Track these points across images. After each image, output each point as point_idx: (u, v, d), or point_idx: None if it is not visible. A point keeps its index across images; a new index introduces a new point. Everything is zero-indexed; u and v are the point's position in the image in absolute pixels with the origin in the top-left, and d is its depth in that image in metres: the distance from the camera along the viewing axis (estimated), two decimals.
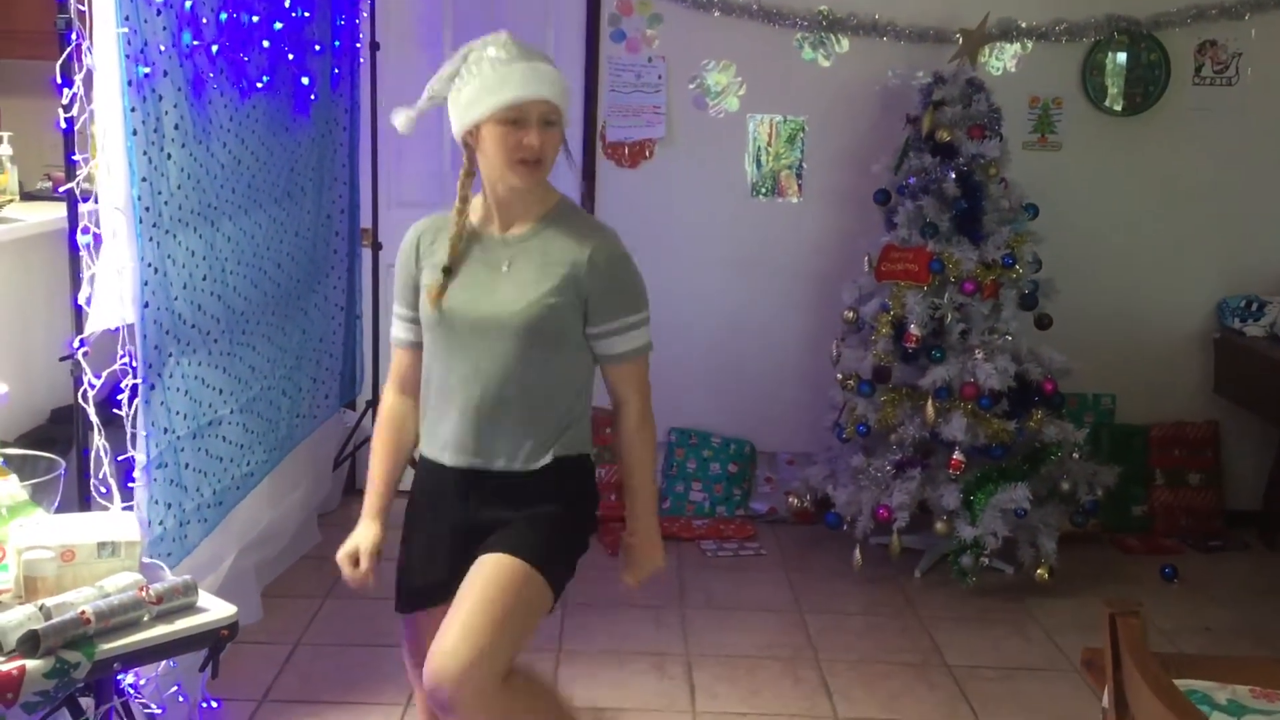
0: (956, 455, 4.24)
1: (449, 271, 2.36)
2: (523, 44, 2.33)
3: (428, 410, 2.46)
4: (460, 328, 2.35)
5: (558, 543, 2.40)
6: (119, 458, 2.82)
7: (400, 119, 2.39)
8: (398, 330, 2.51)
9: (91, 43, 2.61)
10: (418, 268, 2.43)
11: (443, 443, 2.43)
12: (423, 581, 2.49)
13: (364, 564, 2.50)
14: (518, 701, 2.33)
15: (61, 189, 2.71)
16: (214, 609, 2.46)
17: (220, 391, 3.33)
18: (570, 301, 2.34)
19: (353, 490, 5.18)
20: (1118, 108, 5.02)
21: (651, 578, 2.51)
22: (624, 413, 2.45)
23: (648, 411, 2.45)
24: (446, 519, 2.45)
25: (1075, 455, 4.41)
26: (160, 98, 2.86)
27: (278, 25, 3.62)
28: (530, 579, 2.32)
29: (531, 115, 2.28)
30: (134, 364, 2.80)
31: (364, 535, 2.52)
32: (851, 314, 4.54)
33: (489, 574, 2.30)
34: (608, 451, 5.14)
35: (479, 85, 2.28)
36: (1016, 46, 4.97)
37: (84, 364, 2.70)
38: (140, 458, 2.84)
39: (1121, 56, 4.99)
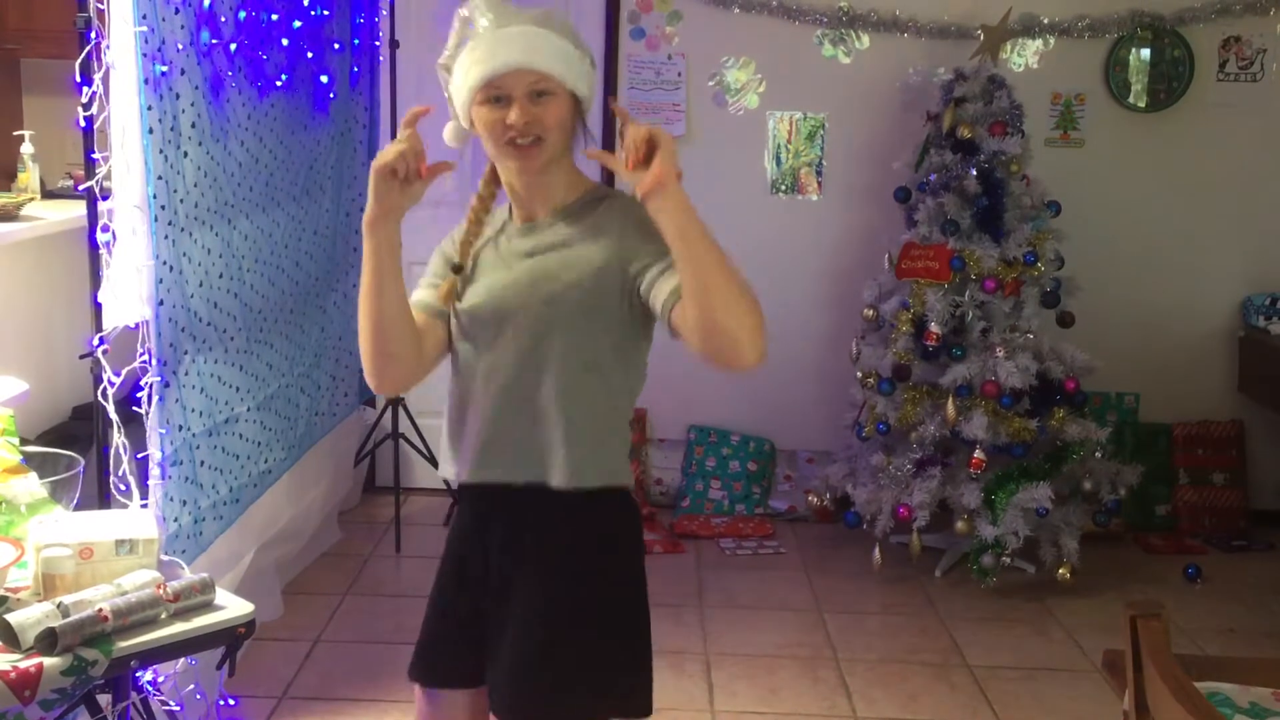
0: (977, 454, 4.22)
1: (459, 269, 2.04)
2: (508, 6, 1.93)
3: (469, 433, 2.03)
4: (490, 320, 1.99)
5: (595, 674, 1.91)
6: (139, 455, 2.83)
7: (449, 132, 2.04)
8: (418, 293, 2.11)
9: (110, 41, 2.62)
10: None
11: (464, 457, 2.03)
12: (443, 652, 2.09)
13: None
14: None
15: (81, 187, 2.72)
16: (231, 607, 2.46)
17: (237, 389, 3.33)
18: (615, 276, 1.93)
19: (372, 488, 5.20)
20: (1141, 104, 4.98)
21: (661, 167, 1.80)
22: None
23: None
24: (471, 574, 2.05)
25: (1098, 454, 4.38)
26: (177, 96, 2.87)
27: (297, 23, 3.63)
28: None
29: (515, 89, 1.89)
30: (151, 362, 2.81)
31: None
32: (871, 312, 4.52)
33: None
34: None
35: (461, 65, 1.94)
36: (1039, 42, 4.94)
37: (104, 362, 2.71)
38: (155, 454, 2.84)
39: (1145, 52, 4.95)
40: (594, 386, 1.96)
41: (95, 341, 2.72)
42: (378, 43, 4.50)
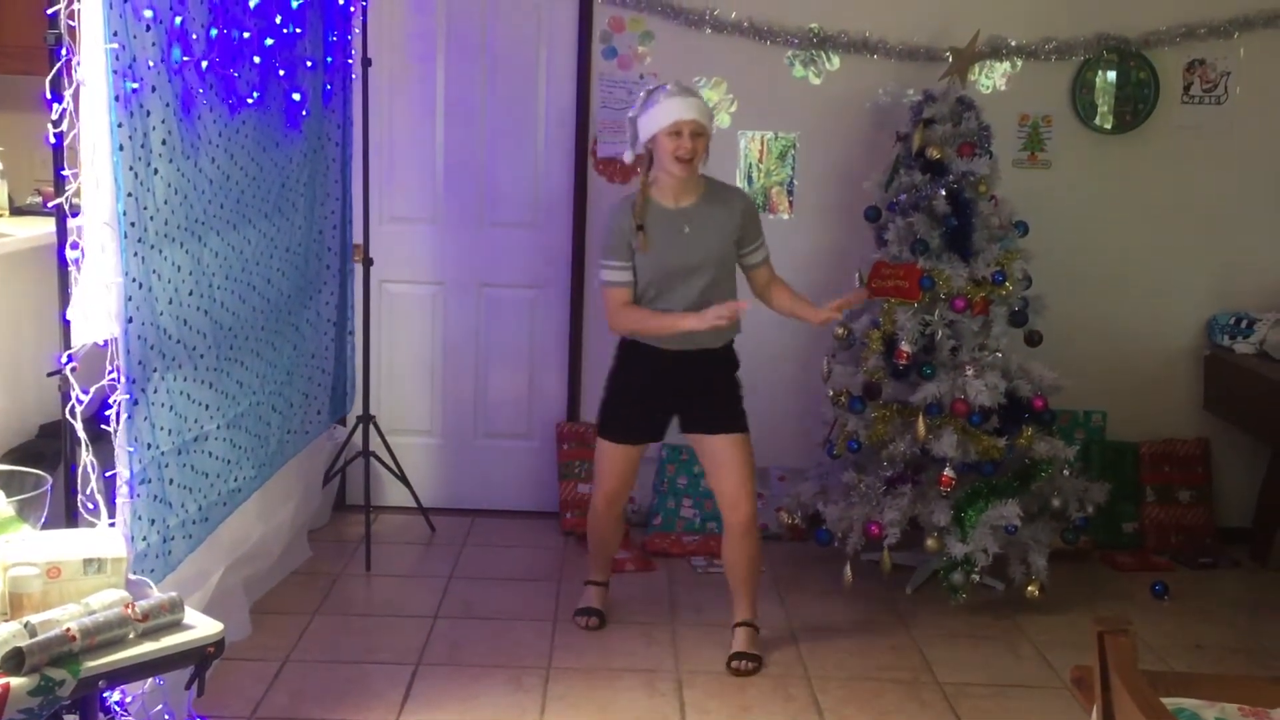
0: (947, 472, 4.24)
1: (641, 228, 3.72)
2: (683, 85, 3.79)
3: None
4: (672, 271, 3.74)
5: (740, 404, 3.93)
6: (107, 474, 2.81)
7: (628, 156, 3.85)
8: (622, 276, 3.77)
9: (80, 58, 2.61)
10: (631, 234, 3.74)
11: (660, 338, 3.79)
12: (641, 427, 3.95)
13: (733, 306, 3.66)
14: None
15: (50, 204, 2.70)
16: (200, 626, 2.45)
17: (207, 407, 3.31)
18: (734, 239, 3.81)
19: (343, 506, 5.17)
20: (1107, 126, 5.04)
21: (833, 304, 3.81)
22: (773, 285, 3.95)
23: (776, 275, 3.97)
24: (664, 387, 3.85)
25: (1066, 472, 4.41)
26: (148, 113, 2.86)
27: (269, 41, 3.62)
28: (748, 440, 3.90)
29: (685, 129, 3.64)
30: (120, 379, 2.79)
31: (701, 313, 3.67)
32: (843, 330, 4.54)
33: (738, 454, 3.86)
34: None
35: (653, 112, 3.67)
36: (1006, 64, 4.99)
37: (72, 379, 2.70)
38: (123, 473, 2.82)
39: (1111, 75, 5.01)
40: (724, 296, 3.76)
41: (64, 359, 2.70)
42: (350, 60, 4.50)
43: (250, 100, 3.53)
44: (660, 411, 3.93)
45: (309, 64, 4.06)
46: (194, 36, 3.13)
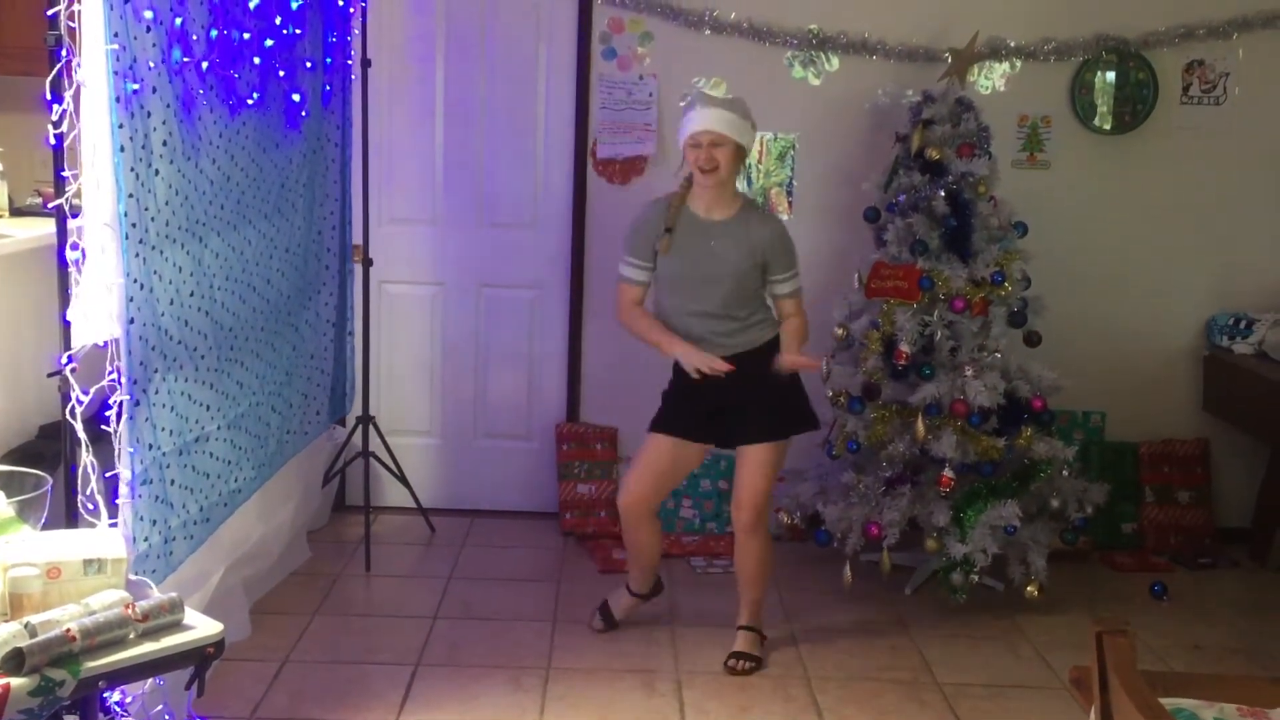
0: (946, 472, 4.24)
1: (670, 231, 3.76)
2: (713, 94, 4.22)
3: (672, 328, 3.82)
4: (691, 279, 3.77)
5: (790, 408, 3.87)
6: (107, 474, 2.81)
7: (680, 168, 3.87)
8: (638, 275, 3.84)
9: (81, 59, 2.61)
10: (656, 235, 3.78)
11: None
12: (686, 425, 3.86)
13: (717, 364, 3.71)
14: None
15: (51, 205, 2.71)
16: (200, 626, 2.45)
17: (208, 408, 3.32)
18: (758, 262, 3.78)
19: (342, 506, 5.17)
20: (1106, 126, 5.04)
21: (797, 356, 3.78)
22: (790, 320, 3.86)
23: (804, 317, 3.88)
24: (705, 393, 3.77)
25: (1065, 472, 4.41)
26: (149, 114, 2.86)
27: (269, 42, 3.62)
28: (778, 449, 3.86)
29: (704, 140, 3.67)
30: (121, 380, 2.79)
31: (692, 348, 3.75)
32: (842, 331, 4.54)
33: (758, 461, 3.83)
34: (598, 468, 5.14)
35: (682, 123, 3.76)
36: (1005, 65, 5.00)
37: (72, 380, 2.70)
38: (125, 474, 2.82)
39: (1110, 75, 5.01)
40: (744, 307, 3.80)
41: (64, 360, 2.70)
42: (350, 61, 4.50)
43: (250, 101, 3.54)
44: (709, 413, 3.83)
45: (309, 65, 4.06)
46: (194, 38, 3.13)
